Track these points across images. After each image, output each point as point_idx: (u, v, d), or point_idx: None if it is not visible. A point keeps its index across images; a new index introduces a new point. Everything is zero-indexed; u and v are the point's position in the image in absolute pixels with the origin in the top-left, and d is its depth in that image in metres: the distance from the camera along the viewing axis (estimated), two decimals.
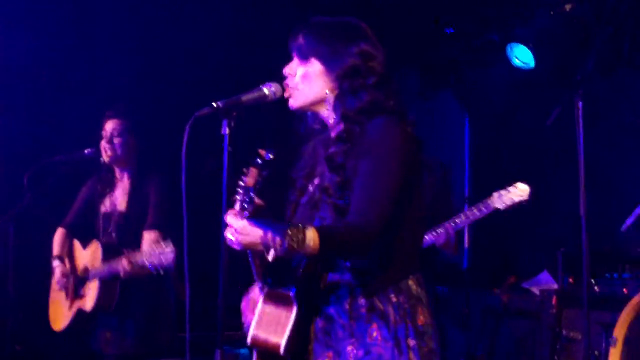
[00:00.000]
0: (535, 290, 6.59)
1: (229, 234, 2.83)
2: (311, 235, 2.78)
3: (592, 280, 5.60)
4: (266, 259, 2.91)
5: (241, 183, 2.67)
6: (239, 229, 2.78)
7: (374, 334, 2.95)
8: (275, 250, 2.82)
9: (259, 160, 2.68)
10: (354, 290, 2.97)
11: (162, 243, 4.90)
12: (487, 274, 7.70)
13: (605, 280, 5.82)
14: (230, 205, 2.82)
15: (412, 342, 2.93)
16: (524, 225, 7.78)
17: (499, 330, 6.50)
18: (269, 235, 2.77)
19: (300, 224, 2.80)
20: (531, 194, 5.27)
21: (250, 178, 2.66)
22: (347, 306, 2.98)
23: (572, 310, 5.87)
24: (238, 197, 2.67)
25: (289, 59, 3.21)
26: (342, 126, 3.05)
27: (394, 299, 2.96)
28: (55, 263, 5.63)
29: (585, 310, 4.78)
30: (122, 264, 5.05)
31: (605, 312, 5.56)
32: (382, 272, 2.97)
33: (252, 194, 2.65)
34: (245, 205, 2.64)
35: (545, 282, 6.59)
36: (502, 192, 5.32)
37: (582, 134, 4.65)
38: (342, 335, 2.98)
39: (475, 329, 7.16)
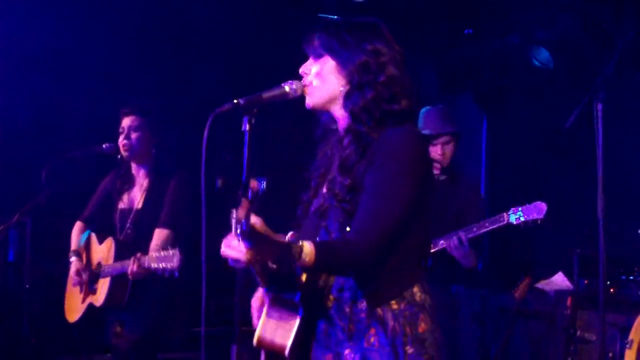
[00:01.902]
0: (550, 291, 6.58)
1: (227, 251, 2.83)
2: (307, 251, 2.79)
3: (608, 282, 5.60)
4: (269, 267, 2.92)
5: (233, 213, 2.65)
6: (236, 249, 2.78)
7: (372, 339, 2.95)
8: (273, 265, 2.84)
9: (249, 194, 2.65)
10: (356, 295, 2.98)
11: (169, 248, 4.95)
12: (503, 275, 7.70)
13: (621, 282, 5.82)
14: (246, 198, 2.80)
15: (410, 350, 2.93)
16: (540, 227, 7.76)
17: (513, 331, 6.49)
18: (266, 253, 2.79)
19: (297, 241, 2.81)
20: (547, 213, 5.24)
21: (241, 210, 2.64)
22: (347, 309, 2.99)
23: (586, 312, 5.87)
24: (233, 222, 2.66)
25: (307, 58, 3.22)
26: (352, 126, 3.06)
27: (395, 306, 2.96)
28: (73, 258, 5.67)
29: (601, 311, 4.77)
30: (131, 266, 5.10)
31: (620, 314, 5.57)
32: (386, 281, 2.97)
33: (244, 225, 2.64)
34: (239, 229, 2.63)
35: (560, 284, 6.58)
36: (520, 207, 5.30)
37: (601, 136, 4.64)
38: (341, 337, 2.99)
39: (490, 330, 7.16)
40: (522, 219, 5.29)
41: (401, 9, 6.98)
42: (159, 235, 5.35)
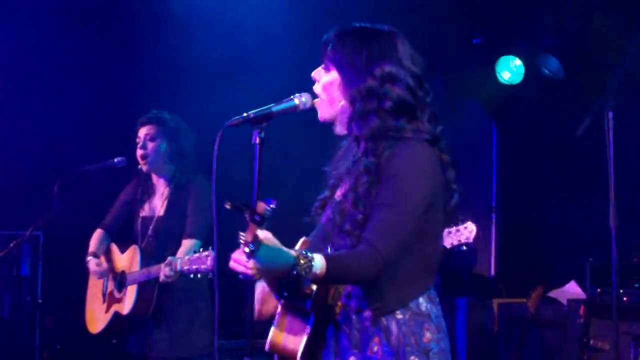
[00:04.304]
0: (563, 300, 6.56)
1: (237, 268, 2.86)
2: (319, 264, 2.80)
3: (621, 290, 5.58)
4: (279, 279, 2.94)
5: (241, 236, 2.68)
6: (245, 265, 2.80)
7: (375, 347, 2.95)
8: (284, 278, 2.84)
9: (256, 217, 2.65)
10: (362, 303, 2.98)
11: (202, 250, 4.96)
12: (515, 284, 7.68)
13: (634, 290, 5.80)
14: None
15: None
16: (552, 235, 7.75)
17: (526, 340, 6.47)
18: (277, 268, 2.79)
19: (308, 253, 2.81)
20: (476, 237, 5.16)
21: (249, 234, 2.65)
22: (353, 317, 2.99)
23: (599, 321, 5.84)
24: (241, 242, 2.69)
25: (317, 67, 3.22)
26: (360, 154, 3.03)
27: (399, 316, 2.95)
28: (89, 258, 5.66)
29: (614, 320, 4.76)
30: (163, 270, 5.10)
31: (633, 322, 5.55)
32: (393, 291, 2.96)
33: (252, 246, 2.66)
34: (247, 250, 2.66)
35: (573, 292, 6.57)
36: (452, 230, 5.21)
37: (612, 144, 4.64)
38: (347, 344, 2.99)
39: (501, 339, 7.14)
40: (452, 242, 5.21)
41: (410, 17, 6.98)
42: (187, 245, 5.36)
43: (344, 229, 2.98)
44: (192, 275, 4.96)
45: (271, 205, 2.69)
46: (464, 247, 5.17)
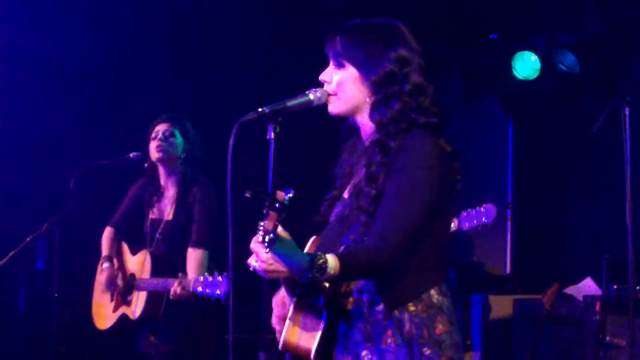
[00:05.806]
0: (579, 296, 6.54)
1: (253, 262, 2.86)
2: (332, 264, 2.80)
3: (637, 287, 5.56)
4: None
5: (261, 225, 2.66)
6: (263, 259, 2.80)
7: (389, 340, 2.95)
8: (298, 279, 2.85)
9: (277, 205, 2.65)
10: (374, 297, 2.99)
11: (215, 274, 4.93)
12: (530, 280, 7.67)
13: None
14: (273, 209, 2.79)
15: (427, 352, 2.92)
16: (568, 231, 7.73)
17: (541, 337, 6.45)
18: (292, 267, 2.79)
19: (321, 254, 2.81)
20: (496, 217, 5.13)
21: (269, 222, 2.64)
22: (365, 311, 3.00)
23: (616, 317, 5.82)
24: (260, 232, 2.67)
25: (327, 63, 3.20)
26: (378, 136, 3.04)
27: (412, 308, 2.95)
28: (106, 264, 5.65)
29: (630, 317, 4.75)
30: (174, 288, 5.08)
31: None
32: (405, 284, 2.97)
33: (272, 235, 2.65)
34: (267, 238, 2.64)
35: (589, 289, 6.54)
36: (471, 212, 5.19)
37: (629, 140, 4.62)
38: (359, 339, 3.00)
39: (517, 336, 7.13)
40: (470, 224, 5.17)
41: (426, 14, 6.97)
42: (194, 255, 5.33)
43: (359, 205, 2.99)
44: (204, 297, 4.96)
45: (289, 195, 2.68)
46: (486, 226, 5.13)
